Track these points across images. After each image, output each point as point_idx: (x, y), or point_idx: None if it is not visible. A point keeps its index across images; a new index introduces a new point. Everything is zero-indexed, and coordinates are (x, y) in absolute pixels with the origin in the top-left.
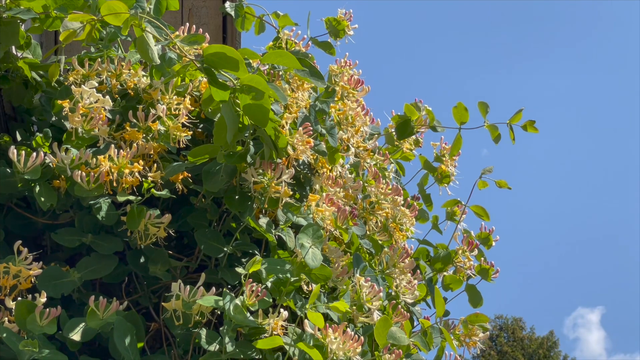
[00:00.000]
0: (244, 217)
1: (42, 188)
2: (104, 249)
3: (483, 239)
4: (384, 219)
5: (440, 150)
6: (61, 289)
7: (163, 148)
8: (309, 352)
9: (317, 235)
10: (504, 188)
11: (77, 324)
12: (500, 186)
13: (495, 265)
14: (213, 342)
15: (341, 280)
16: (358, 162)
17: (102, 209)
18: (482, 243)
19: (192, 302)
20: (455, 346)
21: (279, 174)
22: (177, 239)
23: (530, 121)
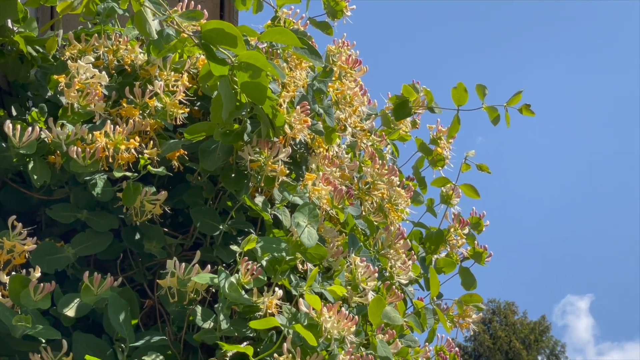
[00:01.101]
0: (240, 196)
1: (37, 164)
2: (99, 226)
3: (474, 223)
4: (379, 200)
5: (437, 133)
6: (55, 265)
7: (160, 125)
8: (303, 334)
9: (313, 215)
10: (485, 172)
11: (71, 300)
12: (481, 170)
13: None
14: (207, 320)
15: (336, 260)
16: (355, 143)
17: (97, 185)
18: (473, 228)
19: (187, 279)
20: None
21: (275, 153)
22: (172, 216)
23: (526, 104)
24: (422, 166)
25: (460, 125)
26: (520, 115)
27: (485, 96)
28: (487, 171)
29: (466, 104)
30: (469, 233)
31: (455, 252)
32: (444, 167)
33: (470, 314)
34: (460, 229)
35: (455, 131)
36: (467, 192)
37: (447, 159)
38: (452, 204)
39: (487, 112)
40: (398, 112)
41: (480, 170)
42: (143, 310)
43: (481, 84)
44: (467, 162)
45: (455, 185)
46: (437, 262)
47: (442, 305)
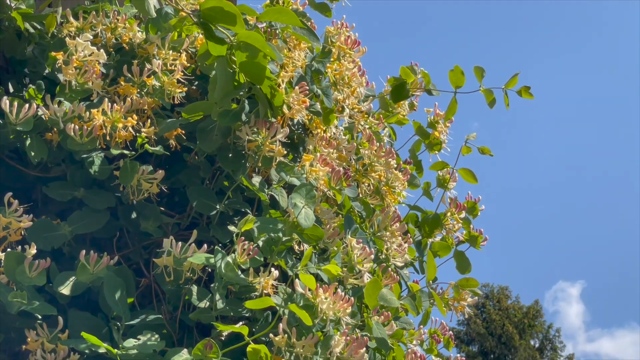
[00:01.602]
0: (237, 176)
1: (34, 141)
2: (95, 204)
3: (469, 208)
4: (376, 182)
5: (434, 117)
6: (51, 242)
7: (157, 104)
8: (299, 314)
9: (310, 196)
10: (487, 154)
11: (67, 278)
12: (482, 152)
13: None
14: (203, 299)
15: (332, 242)
16: (352, 124)
17: (94, 163)
18: (468, 212)
19: (183, 258)
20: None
21: (273, 133)
22: (169, 196)
23: (525, 87)
24: (419, 149)
25: (457, 108)
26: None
27: (483, 78)
28: (489, 154)
29: (464, 87)
30: (465, 217)
31: (451, 236)
32: (440, 150)
33: (466, 297)
34: (457, 213)
35: (452, 114)
36: (465, 176)
37: (444, 142)
38: (448, 188)
39: (485, 95)
40: (396, 94)
41: (482, 153)
42: (139, 289)
43: (479, 66)
44: (467, 145)
45: (454, 169)
46: (433, 246)
47: (437, 288)
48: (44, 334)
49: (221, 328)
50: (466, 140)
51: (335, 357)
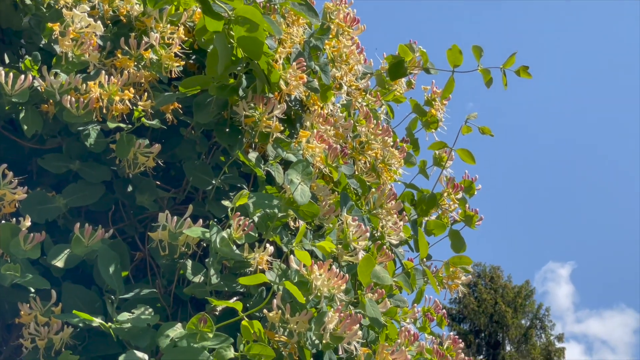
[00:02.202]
0: (234, 151)
1: (29, 112)
2: (91, 177)
3: (466, 187)
4: (372, 160)
5: (431, 95)
6: (46, 215)
7: (154, 77)
8: (292, 291)
9: (307, 172)
10: (487, 134)
11: (61, 250)
12: (483, 132)
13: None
14: (198, 274)
15: (328, 219)
16: (349, 102)
17: (90, 136)
18: (465, 191)
19: (178, 233)
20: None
21: (270, 109)
22: (164, 170)
23: (523, 66)
24: (416, 128)
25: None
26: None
27: (481, 57)
28: (489, 134)
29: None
30: (461, 197)
31: (446, 215)
32: (437, 129)
33: (460, 276)
34: (454, 193)
35: (449, 92)
36: (463, 156)
37: (441, 121)
38: (444, 167)
39: (482, 74)
40: (393, 71)
41: (483, 133)
42: (133, 263)
43: (477, 45)
44: (468, 125)
45: (452, 149)
46: (428, 224)
47: (432, 267)
48: (38, 307)
49: (215, 303)
50: (466, 120)
51: (328, 333)
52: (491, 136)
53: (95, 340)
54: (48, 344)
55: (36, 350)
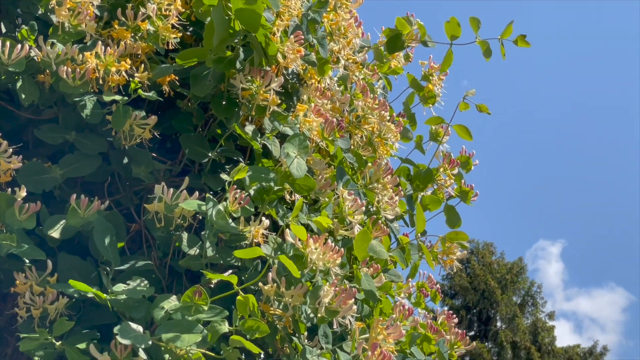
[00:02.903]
0: (230, 124)
1: (26, 82)
2: (87, 148)
3: (463, 162)
4: (369, 134)
5: (429, 69)
6: (42, 185)
7: (151, 49)
8: (287, 266)
9: (303, 146)
10: (484, 112)
11: (57, 221)
12: (480, 110)
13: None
14: (193, 247)
15: (324, 193)
16: (347, 76)
17: (87, 107)
18: (462, 166)
19: (174, 205)
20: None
21: (267, 82)
22: (161, 142)
23: (521, 35)
24: (413, 102)
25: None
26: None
27: (478, 29)
28: (486, 112)
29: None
30: (458, 172)
31: (442, 190)
32: (434, 104)
33: (455, 251)
34: (450, 169)
35: (447, 65)
36: (460, 132)
37: (439, 96)
38: (441, 142)
39: (480, 46)
40: (391, 45)
41: (480, 110)
42: (129, 235)
43: (474, 17)
44: (465, 101)
45: (449, 125)
46: (423, 199)
47: (427, 242)
48: (33, 277)
49: (210, 276)
50: (464, 97)
51: (323, 307)
52: (488, 114)
53: (90, 311)
54: (43, 313)
55: (31, 319)
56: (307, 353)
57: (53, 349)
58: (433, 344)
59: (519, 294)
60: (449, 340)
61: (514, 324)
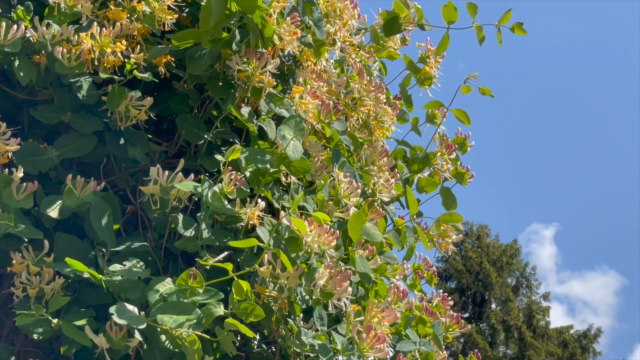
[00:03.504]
0: (226, 105)
1: (22, 62)
2: (83, 128)
3: (459, 143)
4: (365, 116)
5: (425, 52)
6: (38, 166)
7: (147, 30)
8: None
9: (299, 128)
10: (487, 95)
11: (53, 201)
12: (483, 93)
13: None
14: (189, 228)
15: (320, 175)
16: (343, 58)
17: (82, 88)
18: (458, 148)
19: (170, 187)
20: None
21: (263, 64)
22: (157, 123)
23: (518, 23)
24: (409, 84)
25: (448, 44)
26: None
27: (475, 14)
28: (489, 94)
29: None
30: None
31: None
32: (431, 85)
33: (450, 234)
34: (447, 153)
35: (443, 49)
36: (458, 116)
37: (435, 78)
38: (438, 125)
39: (476, 31)
40: (388, 27)
41: (483, 93)
42: (124, 216)
43: (472, 2)
44: (467, 84)
45: (448, 108)
46: (420, 182)
47: (422, 224)
48: (30, 256)
49: (203, 263)
50: (466, 80)
51: (319, 289)
52: (492, 97)
53: (85, 292)
54: (39, 293)
55: (27, 299)
56: (302, 335)
57: (50, 327)
58: (428, 326)
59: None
60: (444, 322)
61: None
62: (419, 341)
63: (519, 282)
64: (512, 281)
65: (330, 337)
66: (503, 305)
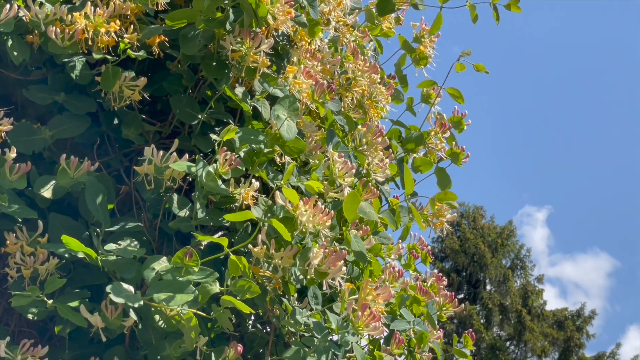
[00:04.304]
0: (220, 85)
1: (15, 42)
2: (76, 108)
3: (455, 122)
4: (359, 96)
5: (420, 31)
6: (32, 146)
7: (141, 10)
8: (278, 229)
9: (293, 108)
10: (482, 72)
11: (47, 182)
12: (477, 69)
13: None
14: (183, 208)
15: (314, 155)
16: (337, 37)
17: (76, 68)
18: (454, 127)
19: (164, 167)
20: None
21: (257, 43)
22: (151, 104)
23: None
24: (404, 64)
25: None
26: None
27: None
28: (484, 71)
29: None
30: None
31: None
32: (426, 65)
33: (445, 213)
34: (442, 132)
35: (437, 28)
36: (453, 95)
37: (430, 57)
38: (432, 104)
39: (470, 10)
40: (382, 7)
41: (477, 70)
42: (119, 197)
43: None
44: (461, 62)
45: (441, 87)
46: (415, 161)
47: (417, 204)
48: (24, 237)
49: (200, 238)
50: (460, 57)
51: (313, 269)
52: (486, 73)
53: (80, 272)
54: (33, 273)
55: (21, 279)
56: (296, 314)
57: (45, 307)
58: (422, 305)
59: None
60: (438, 302)
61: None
62: (413, 320)
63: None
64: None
65: (325, 316)
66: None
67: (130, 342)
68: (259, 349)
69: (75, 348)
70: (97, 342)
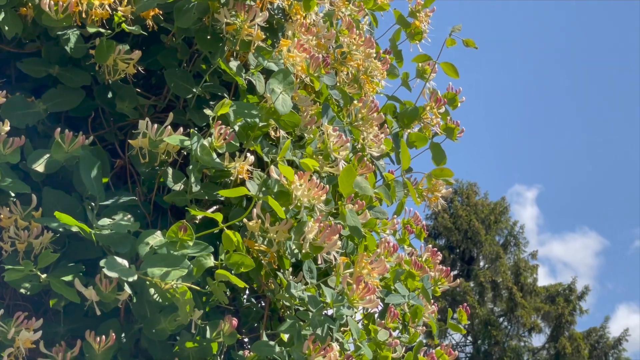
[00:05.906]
0: (215, 59)
1: (8, 15)
2: (71, 82)
3: (449, 98)
4: (354, 71)
5: (415, 6)
6: (26, 120)
7: None
8: (273, 206)
9: (288, 81)
10: (471, 47)
11: (41, 155)
12: (467, 45)
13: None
14: (178, 182)
15: (309, 129)
16: (332, 11)
17: (70, 41)
18: (448, 103)
19: (158, 140)
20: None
21: (252, 17)
22: (145, 77)
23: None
24: (399, 39)
25: None
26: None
27: None
28: (473, 46)
29: None
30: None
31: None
32: (421, 40)
33: (440, 188)
34: (437, 107)
35: (431, 1)
36: (446, 70)
37: (425, 32)
38: (427, 79)
39: None
40: None
41: (467, 45)
42: (113, 171)
43: None
44: (452, 37)
45: (436, 62)
46: (410, 137)
47: (412, 179)
48: (18, 211)
49: (194, 213)
50: (451, 33)
51: (308, 243)
52: (475, 48)
53: (74, 246)
54: (27, 247)
55: (15, 253)
56: (291, 288)
57: (38, 282)
58: (417, 280)
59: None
60: (433, 276)
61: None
62: (408, 294)
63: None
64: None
65: (319, 290)
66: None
67: (125, 315)
68: (254, 323)
69: (71, 321)
70: (92, 316)
